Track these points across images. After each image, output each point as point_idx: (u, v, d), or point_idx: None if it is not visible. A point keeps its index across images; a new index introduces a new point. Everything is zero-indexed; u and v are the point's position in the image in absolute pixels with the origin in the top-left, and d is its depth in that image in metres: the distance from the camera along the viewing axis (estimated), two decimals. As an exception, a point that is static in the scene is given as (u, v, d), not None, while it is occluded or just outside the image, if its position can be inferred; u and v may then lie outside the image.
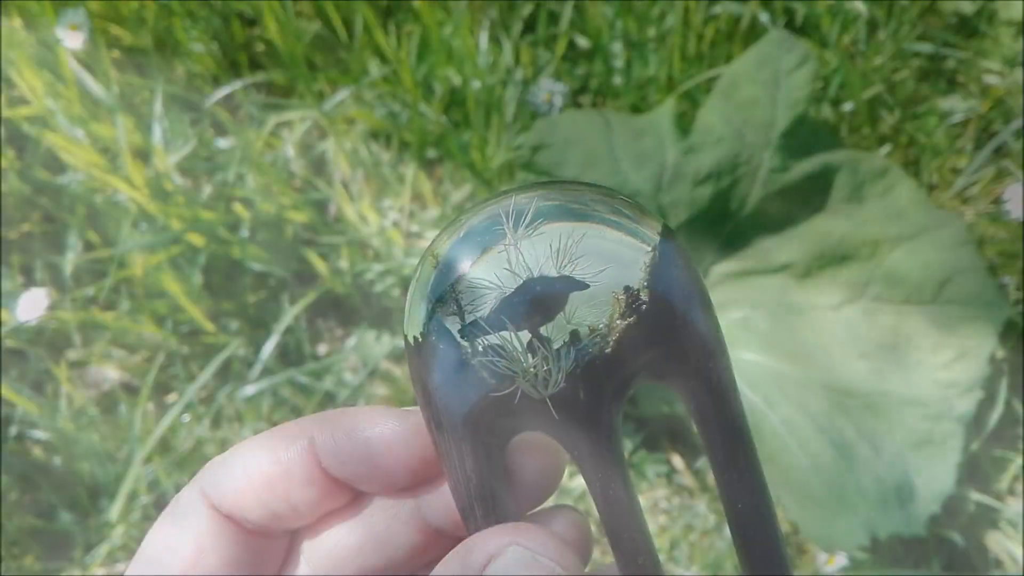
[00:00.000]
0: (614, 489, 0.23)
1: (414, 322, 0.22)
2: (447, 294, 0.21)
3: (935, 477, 0.74)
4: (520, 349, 0.21)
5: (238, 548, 0.23)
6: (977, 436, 0.83)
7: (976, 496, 0.82)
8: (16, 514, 0.84)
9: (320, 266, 0.91)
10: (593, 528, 0.25)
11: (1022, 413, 0.84)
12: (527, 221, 0.21)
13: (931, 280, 0.76)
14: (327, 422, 0.23)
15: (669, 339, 0.21)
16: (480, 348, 0.21)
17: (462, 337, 0.21)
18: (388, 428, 0.23)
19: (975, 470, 0.84)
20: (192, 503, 0.23)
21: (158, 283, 0.88)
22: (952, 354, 0.76)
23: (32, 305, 0.85)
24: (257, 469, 0.23)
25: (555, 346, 0.21)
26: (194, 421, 0.88)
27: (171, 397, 0.91)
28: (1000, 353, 0.84)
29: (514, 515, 0.23)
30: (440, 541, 0.24)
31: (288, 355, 0.93)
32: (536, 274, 0.21)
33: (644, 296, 0.21)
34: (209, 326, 0.90)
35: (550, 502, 0.25)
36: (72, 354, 0.91)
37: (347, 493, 0.24)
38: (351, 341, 0.92)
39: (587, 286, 0.20)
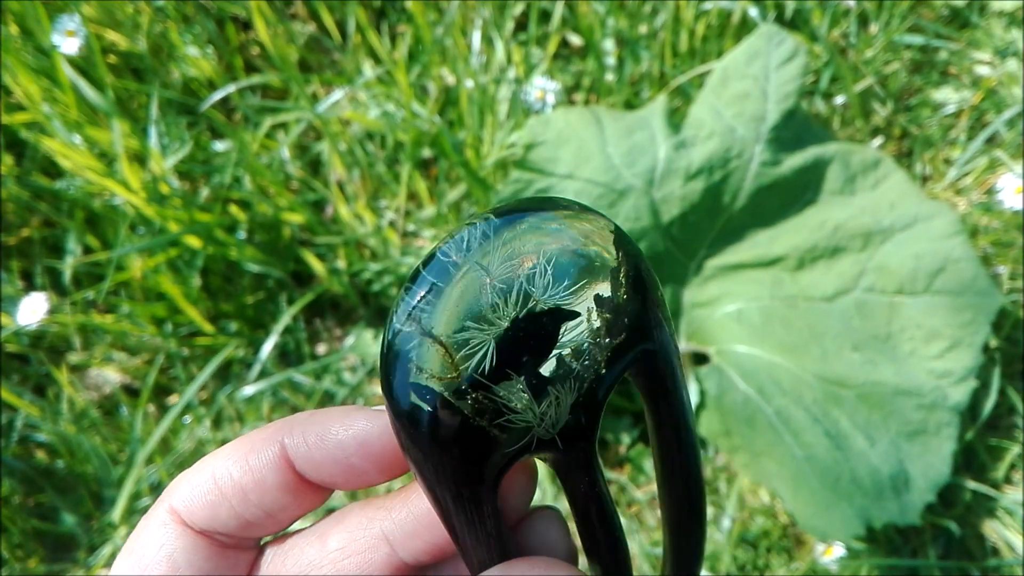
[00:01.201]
0: (591, 497, 0.23)
1: (398, 392, 0.20)
2: (432, 357, 0.19)
3: (930, 467, 0.74)
4: (528, 398, 0.20)
5: (210, 564, 0.23)
6: (972, 425, 0.83)
7: (972, 485, 0.82)
8: (20, 517, 0.85)
9: (317, 266, 0.91)
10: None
11: (1020, 402, 0.84)
12: (495, 255, 0.20)
13: (924, 270, 0.77)
14: (297, 426, 0.23)
15: (644, 343, 0.21)
16: (486, 408, 0.20)
17: (458, 400, 0.19)
18: (361, 428, 0.22)
19: (971, 459, 0.85)
20: (162, 522, 0.23)
21: (157, 286, 0.89)
22: (945, 344, 0.76)
23: (32, 309, 0.86)
24: (228, 480, 0.22)
25: (560, 382, 0.20)
26: (195, 422, 0.88)
27: (172, 399, 0.92)
28: (994, 342, 0.85)
29: (504, 530, 0.22)
30: (411, 571, 0.24)
31: (287, 355, 0.93)
32: (521, 313, 0.20)
33: (618, 306, 0.20)
34: (208, 327, 0.90)
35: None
36: (73, 357, 0.92)
37: (322, 494, 0.24)
38: (349, 340, 0.93)
39: (578, 314, 0.20)
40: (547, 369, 0.20)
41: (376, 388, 0.92)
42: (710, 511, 0.85)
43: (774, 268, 0.80)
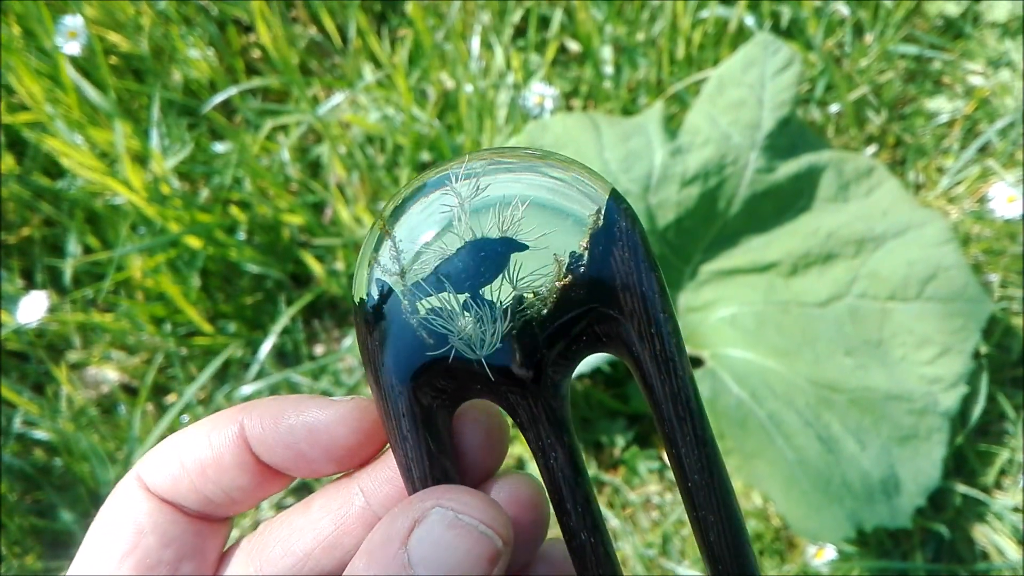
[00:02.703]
0: (556, 458, 0.22)
1: (360, 283, 0.22)
2: (391, 255, 0.21)
3: (920, 471, 0.75)
4: (456, 309, 0.21)
5: (177, 528, 0.24)
6: (962, 431, 0.84)
7: (963, 490, 0.83)
8: (18, 514, 0.85)
9: (316, 268, 0.92)
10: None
11: (1010, 408, 0.85)
12: (476, 186, 0.21)
13: (915, 277, 0.78)
14: (257, 408, 0.23)
15: (608, 302, 0.21)
16: (419, 308, 0.21)
17: (402, 296, 0.21)
18: (311, 416, 0.23)
19: (961, 464, 0.86)
20: (129, 488, 0.24)
21: (156, 285, 0.89)
22: (936, 350, 0.77)
23: (33, 308, 0.86)
24: (191, 455, 0.23)
25: (492, 307, 0.21)
26: (193, 421, 0.89)
27: (170, 398, 0.93)
28: (984, 349, 0.86)
29: (452, 461, 0.23)
30: None
31: (285, 356, 0.94)
32: (478, 235, 0.21)
33: (585, 259, 0.21)
34: (207, 327, 0.91)
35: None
36: (72, 356, 0.92)
37: (281, 480, 0.24)
38: (347, 342, 0.94)
39: (526, 247, 0.21)
40: (482, 290, 0.21)
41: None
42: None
43: (768, 273, 0.81)
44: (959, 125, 1.00)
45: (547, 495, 0.23)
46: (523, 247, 0.21)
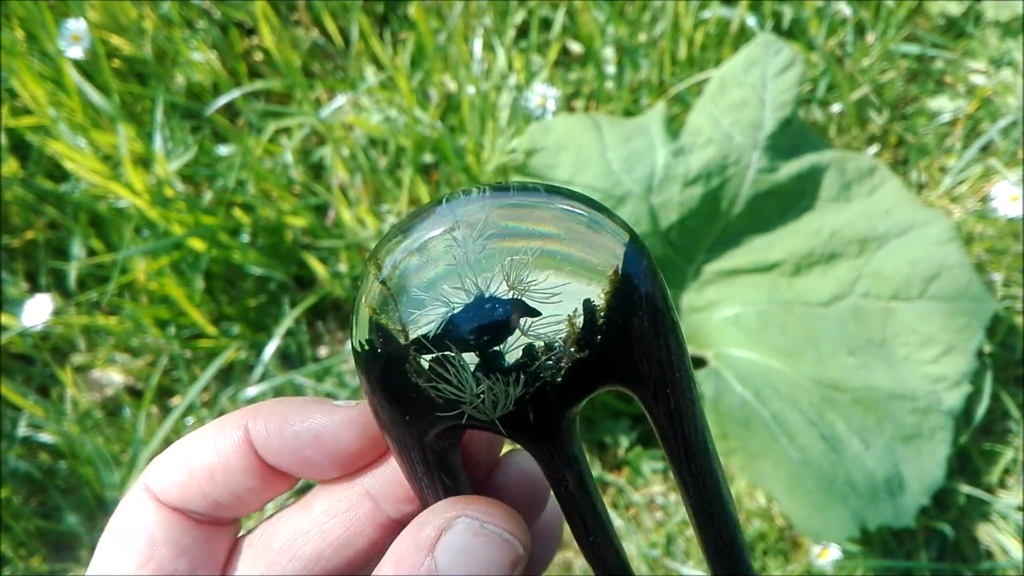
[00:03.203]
0: (566, 485, 0.22)
1: (360, 332, 0.21)
2: (391, 309, 0.20)
3: (924, 470, 0.75)
4: (467, 375, 0.20)
5: (188, 537, 0.24)
6: (966, 430, 0.84)
7: (967, 489, 0.83)
8: (23, 516, 0.85)
9: (319, 270, 0.92)
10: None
11: (1013, 407, 0.85)
12: (480, 231, 0.19)
13: (918, 276, 0.78)
14: (262, 412, 0.23)
15: (625, 375, 0.20)
16: (425, 370, 0.20)
17: (407, 355, 0.20)
18: (316, 422, 0.23)
19: (965, 463, 0.86)
20: (139, 499, 0.24)
21: (160, 288, 0.90)
22: (940, 349, 0.77)
23: (37, 311, 0.87)
24: (198, 461, 0.23)
25: (505, 372, 0.20)
26: (197, 423, 0.89)
27: (174, 400, 0.93)
28: (987, 348, 0.86)
29: (465, 484, 0.23)
30: (396, 527, 0.24)
31: (289, 357, 0.94)
32: (486, 293, 0.19)
33: (602, 328, 0.20)
34: (211, 330, 0.91)
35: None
36: (77, 359, 0.93)
37: (288, 481, 0.24)
38: (350, 344, 0.94)
39: (539, 313, 0.19)
40: (492, 356, 0.19)
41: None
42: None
43: (771, 273, 0.81)
44: (961, 124, 1.00)
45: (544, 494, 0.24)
46: (534, 312, 0.19)
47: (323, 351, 0.95)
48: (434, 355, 0.20)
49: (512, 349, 0.19)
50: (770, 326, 0.80)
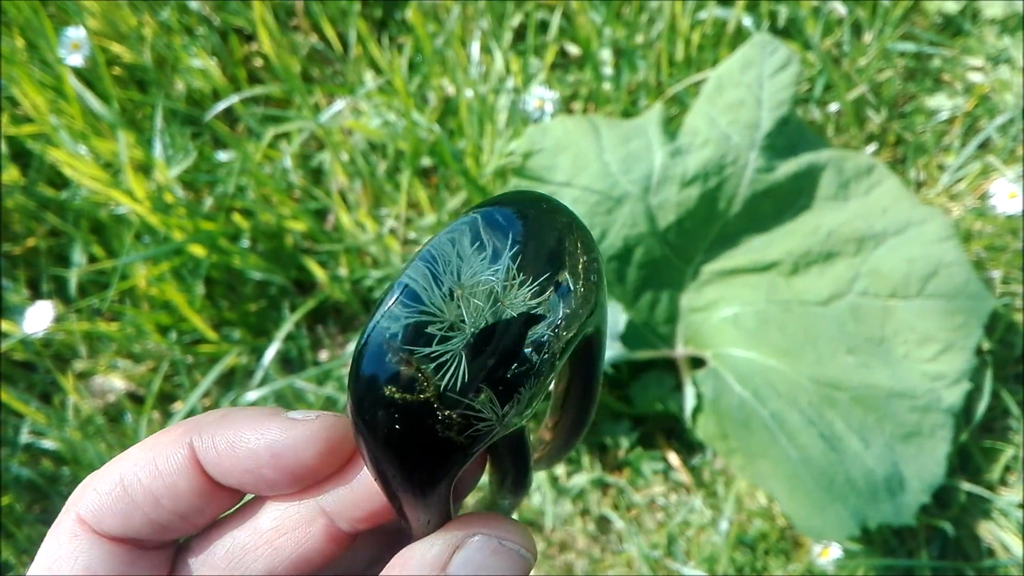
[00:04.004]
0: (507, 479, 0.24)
1: (364, 399, 0.20)
2: (401, 371, 0.19)
3: (925, 468, 0.75)
4: (496, 405, 0.20)
5: (129, 565, 0.22)
6: (967, 428, 0.84)
7: (967, 487, 0.83)
8: (25, 523, 0.86)
9: (319, 274, 0.92)
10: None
11: (1014, 405, 0.85)
12: (468, 259, 0.19)
13: (916, 274, 0.78)
14: (207, 428, 0.22)
15: (592, 325, 0.22)
16: (454, 423, 0.19)
17: (429, 417, 0.19)
18: (274, 438, 0.21)
19: (966, 461, 0.86)
20: (72, 533, 0.22)
21: (161, 294, 0.90)
22: (938, 347, 0.77)
23: (39, 318, 0.87)
24: (138, 487, 0.21)
25: (523, 383, 0.20)
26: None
27: (176, 405, 0.93)
28: (987, 345, 0.86)
29: (452, 501, 0.22)
30: (350, 539, 0.23)
31: (289, 362, 0.95)
32: (490, 320, 0.19)
33: (580, 296, 0.21)
34: (212, 335, 0.91)
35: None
36: (78, 365, 0.93)
37: (236, 495, 0.23)
38: (351, 347, 0.94)
39: (543, 317, 0.20)
40: (513, 372, 0.20)
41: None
42: (708, 514, 0.86)
43: (769, 273, 0.81)
44: (959, 122, 1.00)
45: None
46: (540, 318, 0.20)
47: (323, 355, 0.95)
48: (463, 403, 0.19)
49: (523, 359, 0.20)
50: (769, 326, 0.80)
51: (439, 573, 0.20)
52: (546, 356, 0.20)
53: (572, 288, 0.20)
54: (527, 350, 0.20)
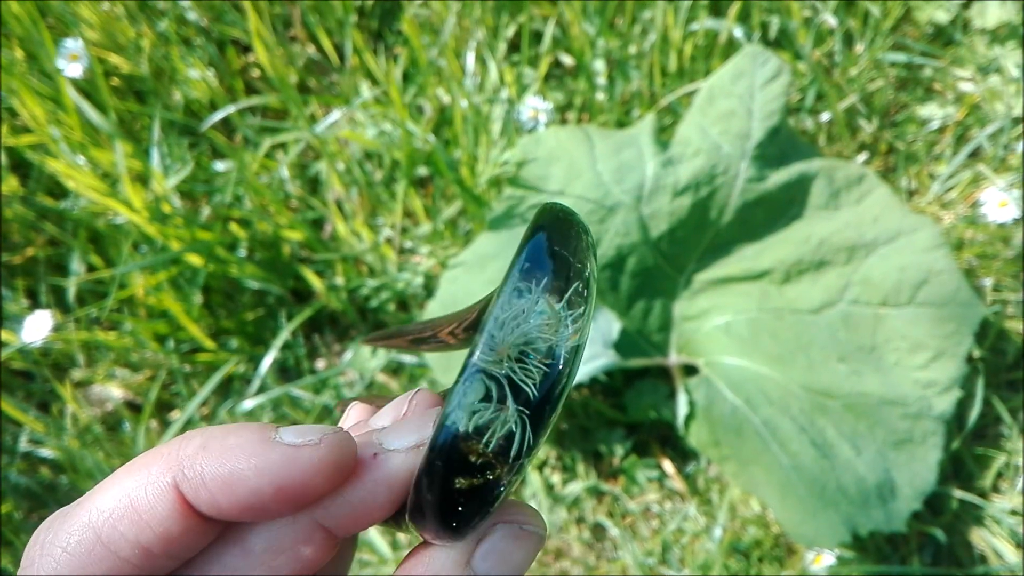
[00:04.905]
0: None
1: (432, 499, 0.20)
2: (465, 459, 0.20)
3: (916, 475, 0.75)
4: (541, 445, 0.20)
5: None
6: (959, 435, 0.84)
7: (960, 494, 0.84)
8: (24, 531, 0.86)
9: (316, 283, 0.93)
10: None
11: (1005, 412, 0.86)
12: (508, 320, 0.20)
13: (907, 283, 0.78)
14: (192, 462, 0.20)
15: None
16: (513, 482, 0.20)
17: (496, 484, 0.20)
18: (277, 471, 0.19)
19: (958, 468, 0.86)
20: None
21: (159, 303, 0.91)
22: (929, 354, 0.77)
23: (37, 327, 0.88)
24: (122, 540, 0.19)
25: (555, 414, 0.21)
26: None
27: (174, 414, 0.94)
28: (978, 353, 0.86)
29: None
30: (346, 541, 0.23)
31: (287, 370, 0.95)
32: (540, 381, 0.20)
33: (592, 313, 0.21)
34: (209, 344, 0.92)
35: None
36: (77, 374, 0.94)
37: (219, 523, 0.21)
38: (347, 355, 0.95)
39: (582, 346, 0.21)
40: (557, 409, 0.20)
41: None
42: (702, 521, 0.86)
43: (761, 281, 0.82)
44: (950, 131, 1.01)
45: None
46: (580, 349, 0.20)
47: (320, 364, 0.96)
48: (524, 464, 0.20)
49: (563, 393, 0.20)
50: (761, 334, 0.80)
51: (465, 572, 0.21)
52: (571, 378, 0.21)
53: (591, 309, 0.21)
54: (567, 385, 0.20)
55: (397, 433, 0.22)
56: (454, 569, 0.21)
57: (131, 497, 0.19)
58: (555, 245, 0.21)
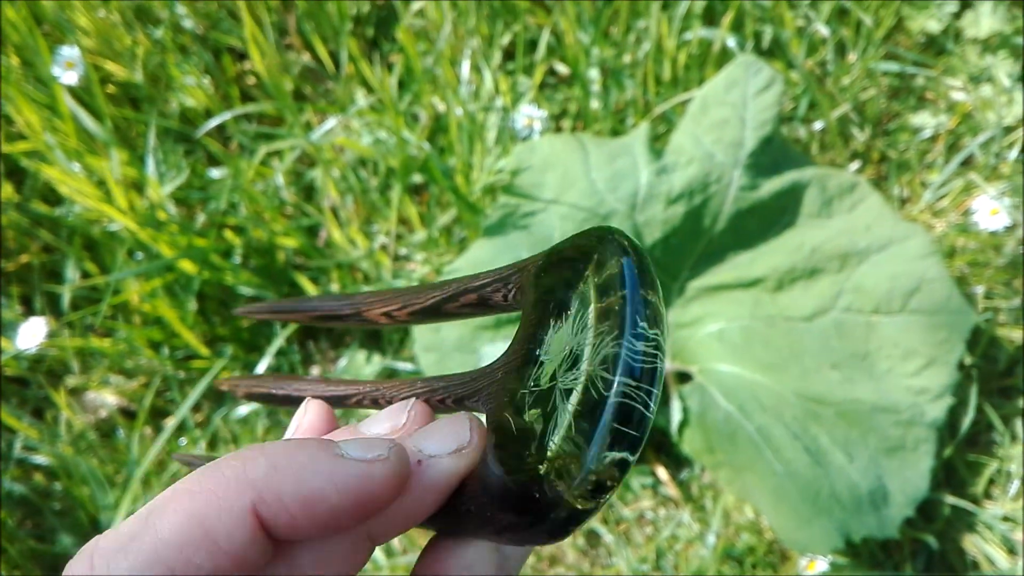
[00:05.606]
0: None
1: (549, 516, 0.19)
2: (585, 490, 0.19)
3: (908, 482, 0.76)
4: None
5: None
6: (951, 442, 0.85)
7: (952, 500, 0.84)
8: (18, 538, 0.86)
9: (311, 290, 0.93)
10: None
11: (997, 419, 0.86)
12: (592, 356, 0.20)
13: (899, 290, 0.79)
14: (269, 485, 0.19)
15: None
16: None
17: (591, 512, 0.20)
18: (358, 490, 0.19)
19: (951, 475, 0.87)
20: None
21: (153, 310, 0.91)
22: (922, 362, 0.78)
23: (32, 334, 0.88)
24: (179, 555, 0.18)
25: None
26: (190, 444, 0.90)
27: (168, 421, 0.94)
28: (970, 360, 0.87)
29: None
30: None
31: (281, 377, 0.95)
32: (659, 387, 0.20)
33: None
34: (204, 351, 0.92)
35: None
36: (71, 381, 0.94)
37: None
38: (342, 363, 0.95)
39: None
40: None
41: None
42: (696, 527, 0.87)
43: (754, 289, 0.83)
44: (942, 140, 1.01)
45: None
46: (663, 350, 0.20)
47: (315, 371, 0.96)
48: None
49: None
50: (754, 341, 0.81)
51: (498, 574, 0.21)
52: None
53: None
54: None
55: (435, 439, 0.22)
56: (497, 571, 0.21)
57: (204, 525, 0.18)
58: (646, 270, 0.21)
